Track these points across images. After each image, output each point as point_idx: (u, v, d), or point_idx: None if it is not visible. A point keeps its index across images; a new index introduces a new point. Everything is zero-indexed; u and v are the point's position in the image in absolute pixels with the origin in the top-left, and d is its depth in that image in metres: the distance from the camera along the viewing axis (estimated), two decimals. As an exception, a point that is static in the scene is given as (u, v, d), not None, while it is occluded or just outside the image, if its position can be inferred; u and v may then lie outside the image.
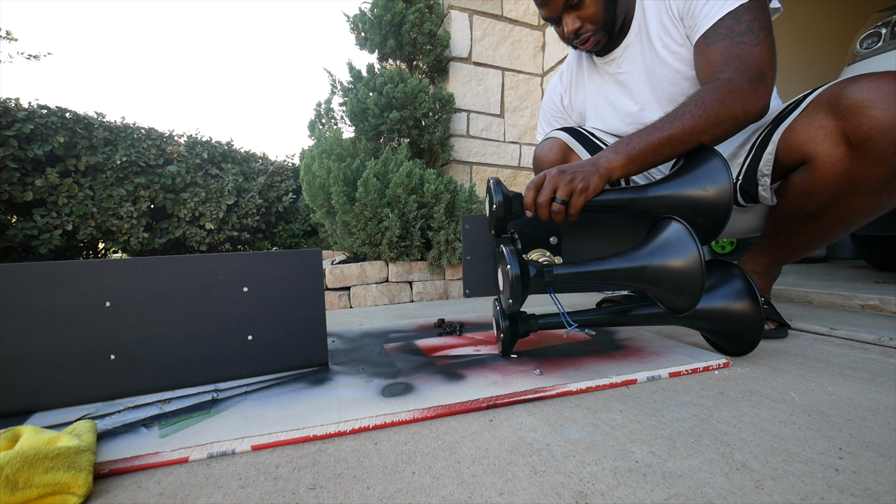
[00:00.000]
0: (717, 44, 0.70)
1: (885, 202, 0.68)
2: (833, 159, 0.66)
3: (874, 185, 0.65)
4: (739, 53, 0.67)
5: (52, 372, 0.55)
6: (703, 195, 0.65)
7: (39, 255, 2.19)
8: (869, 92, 0.61)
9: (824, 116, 0.66)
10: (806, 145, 0.68)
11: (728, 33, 0.69)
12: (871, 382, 0.58)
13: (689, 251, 0.58)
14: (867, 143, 0.62)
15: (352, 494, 0.36)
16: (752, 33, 0.67)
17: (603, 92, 0.96)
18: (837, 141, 0.65)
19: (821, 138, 0.66)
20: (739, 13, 0.68)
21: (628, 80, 0.90)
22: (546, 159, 0.98)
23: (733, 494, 0.34)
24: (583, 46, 0.85)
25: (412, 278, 1.74)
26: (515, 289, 0.59)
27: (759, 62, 0.66)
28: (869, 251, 1.76)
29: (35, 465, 0.35)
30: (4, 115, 2.05)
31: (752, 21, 0.67)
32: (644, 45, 0.85)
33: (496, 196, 0.68)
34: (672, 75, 0.83)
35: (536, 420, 0.49)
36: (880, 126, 0.60)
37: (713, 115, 0.66)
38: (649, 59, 0.85)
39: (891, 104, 0.59)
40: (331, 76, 2.14)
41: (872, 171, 0.63)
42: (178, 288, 0.60)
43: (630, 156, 0.68)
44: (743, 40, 0.67)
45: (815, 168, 0.68)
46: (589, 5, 0.79)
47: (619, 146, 0.70)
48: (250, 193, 2.92)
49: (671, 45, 0.81)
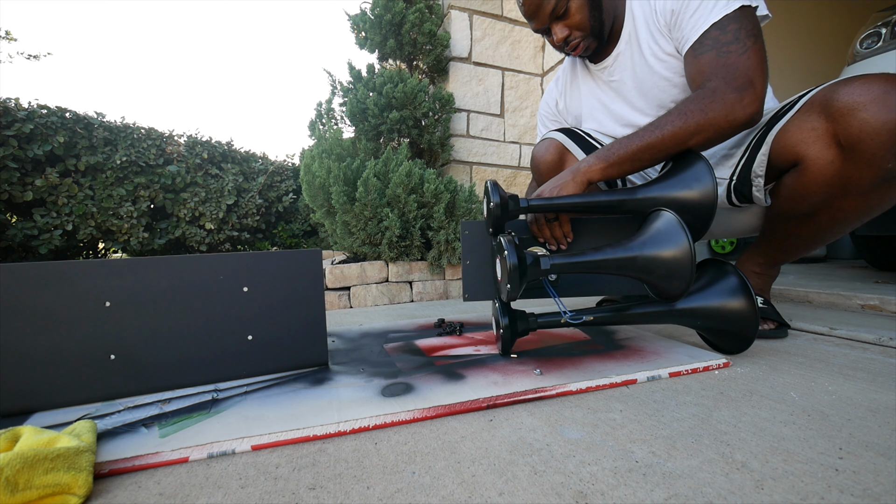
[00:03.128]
0: (704, 55, 0.71)
1: (876, 204, 0.68)
2: (824, 161, 0.66)
3: (865, 187, 0.65)
4: (727, 62, 0.68)
5: (52, 372, 0.55)
6: (689, 196, 0.68)
7: (39, 255, 2.19)
8: (859, 95, 0.61)
9: (816, 118, 0.66)
10: (798, 147, 0.68)
11: (714, 44, 0.69)
12: (871, 382, 0.58)
13: (678, 239, 0.60)
14: (858, 145, 0.62)
15: (352, 494, 0.36)
16: (739, 42, 0.67)
17: (597, 95, 0.98)
18: (829, 143, 0.65)
19: (812, 140, 0.67)
20: (724, 23, 0.69)
21: (621, 87, 0.91)
22: (543, 159, 0.99)
23: (733, 494, 0.34)
24: (574, 53, 0.88)
25: (412, 278, 1.74)
26: (513, 276, 0.60)
27: (747, 70, 0.66)
28: (869, 251, 1.76)
29: (35, 465, 0.35)
30: (4, 115, 2.05)
31: (737, 30, 0.68)
32: (634, 53, 0.86)
33: (493, 197, 0.71)
34: (661, 83, 0.84)
35: (536, 420, 0.49)
36: (870, 129, 0.60)
37: (693, 125, 0.67)
38: (639, 66, 0.86)
39: (881, 107, 0.59)
40: (331, 76, 2.14)
41: (863, 173, 0.64)
42: (178, 288, 0.60)
43: (609, 161, 0.73)
44: (730, 49, 0.68)
45: (807, 170, 0.69)
46: (574, 13, 0.81)
47: (601, 152, 0.75)
48: (250, 193, 2.92)
49: (660, 53, 0.82)
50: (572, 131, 0.99)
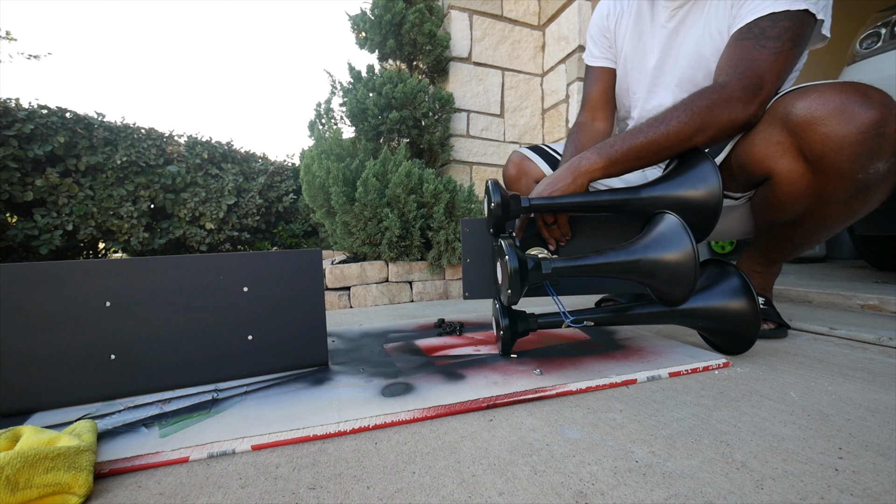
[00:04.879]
0: (743, 42, 0.68)
1: (859, 209, 0.67)
2: (795, 175, 0.65)
3: (842, 197, 0.64)
4: (754, 56, 0.66)
5: (52, 372, 0.55)
6: (694, 195, 0.67)
7: (40, 256, 2.19)
8: (816, 108, 0.60)
9: (780, 132, 0.65)
10: (767, 161, 0.67)
11: (759, 34, 0.66)
12: (871, 382, 0.58)
13: (682, 243, 0.59)
14: (823, 159, 0.61)
15: (352, 494, 0.36)
16: (779, 40, 0.65)
17: (643, 44, 0.90)
18: (796, 156, 0.64)
19: (780, 154, 0.65)
20: (780, 17, 0.65)
21: (672, 35, 0.84)
22: (506, 174, 1.06)
23: (733, 494, 0.34)
24: None
25: (412, 278, 1.74)
26: (514, 281, 0.60)
27: (764, 71, 0.65)
28: (869, 251, 1.76)
29: (35, 465, 0.35)
30: (4, 115, 2.05)
31: (786, 29, 0.65)
32: (697, 11, 0.80)
33: (494, 197, 0.70)
34: (692, 56, 0.80)
35: (536, 420, 0.49)
36: (832, 143, 0.59)
37: (699, 123, 0.66)
38: (691, 24, 0.80)
39: (839, 120, 0.58)
40: (331, 77, 2.14)
41: (835, 185, 0.63)
42: (178, 288, 0.60)
43: (611, 159, 0.70)
44: (766, 45, 0.65)
45: (780, 184, 0.68)
46: None
47: (602, 149, 0.71)
48: (250, 193, 2.92)
49: (712, 25, 0.77)
50: (539, 147, 1.01)
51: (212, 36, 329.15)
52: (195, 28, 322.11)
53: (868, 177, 0.61)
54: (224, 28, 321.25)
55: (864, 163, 0.59)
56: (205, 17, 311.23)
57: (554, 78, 2.29)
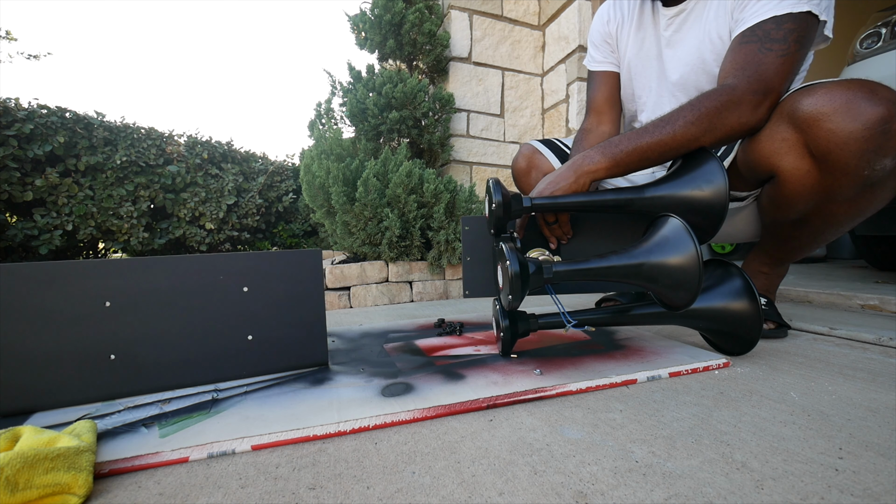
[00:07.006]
0: (747, 45, 0.68)
1: (866, 206, 0.67)
2: (801, 172, 0.65)
3: (849, 194, 0.64)
4: (760, 59, 0.65)
5: (52, 372, 0.55)
6: (700, 195, 0.66)
7: (39, 256, 2.19)
8: (823, 104, 0.60)
9: (786, 129, 0.64)
10: (772, 158, 0.67)
11: (763, 36, 0.66)
12: (871, 382, 0.58)
13: (686, 248, 0.58)
14: (828, 156, 0.61)
15: (352, 494, 0.36)
16: (785, 43, 0.65)
17: (646, 50, 0.91)
18: (802, 153, 0.64)
19: (785, 151, 0.65)
20: (784, 19, 0.65)
21: (672, 42, 0.85)
22: (515, 166, 1.06)
23: (733, 494, 0.34)
24: None
25: (412, 278, 1.74)
26: (515, 285, 0.59)
27: (772, 75, 0.64)
28: (869, 251, 1.76)
29: (35, 465, 0.35)
30: (4, 115, 2.05)
31: (791, 31, 0.64)
32: (695, 19, 0.80)
33: (495, 196, 0.68)
34: (695, 62, 0.81)
35: (536, 420, 0.49)
36: (838, 140, 0.59)
37: (706, 124, 0.65)
38: (691, 29, 0.81)
39: (845, 117, 0.58)
40: (330, 77, 2.14)
41: (842, 181, 0.62)
42: (178, 288, 0.60)
43: (615, 159, 0.69)
44: (772, 48, 0.65)
45: (786, 181, 0.67)
46: None
47: (606, 148, 0.70)
48: (250, 193, 2.92)
49: (712, 30, 0.77)
50: (549, 141, 1.00)
51: (212, 36, 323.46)
52: (195, 28, 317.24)
53: (874, 173, 0.60)
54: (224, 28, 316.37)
55: (870, 159, 0.59)
56: (205, 17, 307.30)
57: (554, 78, 2.29)
